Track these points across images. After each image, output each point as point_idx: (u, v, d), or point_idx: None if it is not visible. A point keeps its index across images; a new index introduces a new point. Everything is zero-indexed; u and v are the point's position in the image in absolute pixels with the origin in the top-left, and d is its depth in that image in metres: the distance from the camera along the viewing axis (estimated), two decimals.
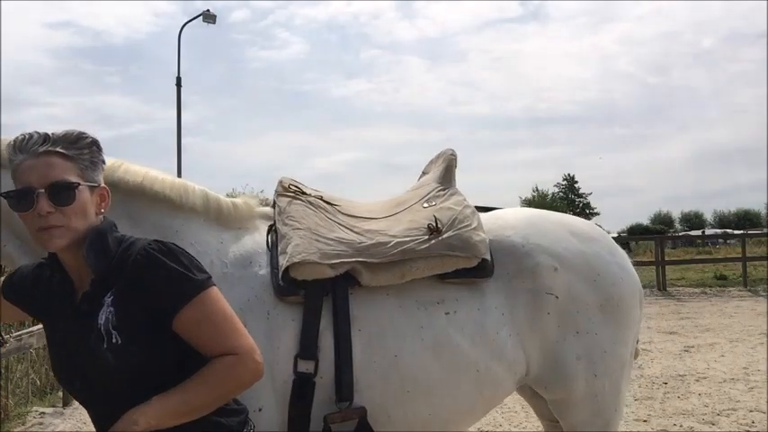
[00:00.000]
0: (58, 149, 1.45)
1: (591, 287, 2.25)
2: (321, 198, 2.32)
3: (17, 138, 1.45)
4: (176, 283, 1.41)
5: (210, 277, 1.48)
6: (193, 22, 20.11)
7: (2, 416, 5.44)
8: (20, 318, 1.77)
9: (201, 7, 20.23)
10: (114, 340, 1.40)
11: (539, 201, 50.83)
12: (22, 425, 5.56)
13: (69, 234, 1.43)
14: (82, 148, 1.47)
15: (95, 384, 1.45)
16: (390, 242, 2.13)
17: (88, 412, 1.54)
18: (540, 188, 54.73)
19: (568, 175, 60.46)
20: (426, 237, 2.15)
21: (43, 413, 5.92)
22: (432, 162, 2.62)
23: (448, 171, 2.49)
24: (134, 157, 1.78)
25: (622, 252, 2.46)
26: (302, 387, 1.97)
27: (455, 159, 2.52)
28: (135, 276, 1.42)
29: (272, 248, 2.13)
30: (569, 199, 57.86)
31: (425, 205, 2.33)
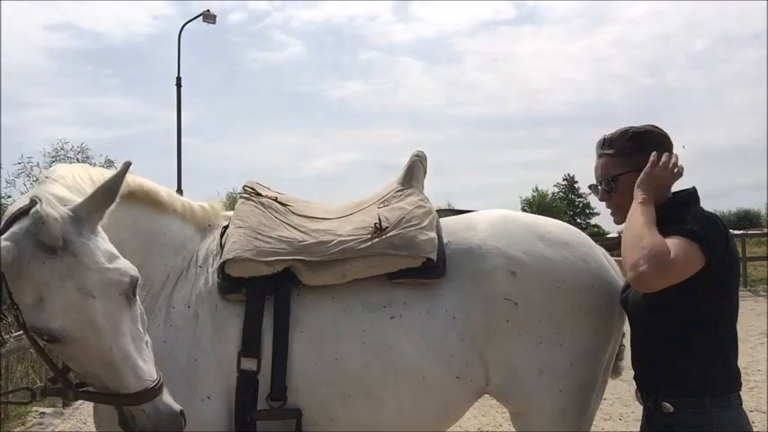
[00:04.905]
0: (606, 150, 2.08)
1: (555, 295, 2.10)
2: (275, 199, 2.33)
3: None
4: None
5: None
6: (192, 23, 20.13)
7: (2, 416, 5.44)
8: None
9: (199, 10, 20.19)
10: None
11: (539, 201, 50.80)
12: (22, 425, 5.56)
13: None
14: (623, 142, 2.04)
15: None
16: (333, 241, 2.11)
17: None
18: (540, 188, 54.78)
19: (568, 174, 60.55)
20: (369, 236, 2.12)
21: (43, 413, 5.92)
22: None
23: (409, 171, 2.44)
24: (134, 157, 1.86)
25: (602, 260, 2.27)
26: (246, 383, 2.01)
27: (420, 160, 2.47)
28: None
29: (222, 247, 2.18)
30: (569, 199, 57.87)
31: (380, 206, 2.30)
